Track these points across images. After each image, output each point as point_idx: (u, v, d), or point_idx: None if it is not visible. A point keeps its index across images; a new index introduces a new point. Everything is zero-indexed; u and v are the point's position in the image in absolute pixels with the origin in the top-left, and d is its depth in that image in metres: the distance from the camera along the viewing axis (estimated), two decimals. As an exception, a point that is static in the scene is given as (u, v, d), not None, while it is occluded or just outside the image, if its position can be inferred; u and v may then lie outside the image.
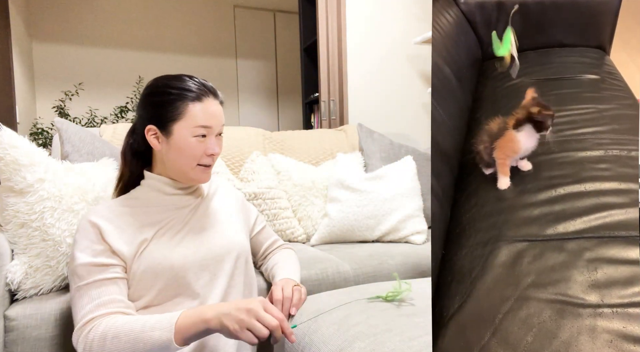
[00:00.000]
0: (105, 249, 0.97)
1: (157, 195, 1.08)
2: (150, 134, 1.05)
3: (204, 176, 1.08)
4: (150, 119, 1.04)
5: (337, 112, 2.83)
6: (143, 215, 1.04)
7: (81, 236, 0.98)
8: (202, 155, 1.05)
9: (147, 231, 1.02)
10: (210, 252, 1.06)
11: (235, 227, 1.15)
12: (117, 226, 1.00)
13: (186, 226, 1.07)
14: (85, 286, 0.94)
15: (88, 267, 0.95)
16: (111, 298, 0.93)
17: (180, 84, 1.04)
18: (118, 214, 1.02)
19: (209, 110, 1.03)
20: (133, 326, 0.86)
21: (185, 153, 1.03)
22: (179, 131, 1.02)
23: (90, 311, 0.91)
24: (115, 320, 0.88)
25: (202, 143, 1.04)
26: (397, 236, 1.86)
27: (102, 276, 0.95)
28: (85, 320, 0.90)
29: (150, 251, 1.00)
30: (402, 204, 1.87)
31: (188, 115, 1.02)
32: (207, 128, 1.03)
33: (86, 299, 0.92)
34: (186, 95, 1.02)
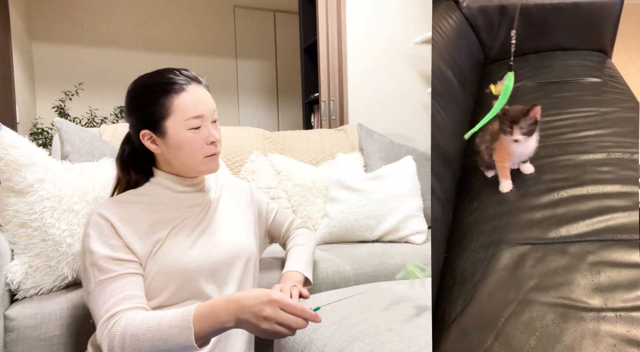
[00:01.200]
0: (121, 244, 0.95)
1: (165, 192, 1.07)
2: (146, 140, 1.02)
3: (213, 165, 1.05)
4: (141, 123, 1.02)
5: (337, 112, 2.83)
6: (154, 212, 1.03)
7: (95, 230, 0.95)
8: (202, 146, 1.01)
9: (160, 230, 1.00)
10: (221, 256, 1.05)
11: (245, 228, 1.15)
12: (129, 223, 0.98)
13: (198, 227, 1.06)
14: (108, 280, 0.91)
15: (109, 261, 0.92)
16: (134, 293, 0.91)
17: (159, 79, 1.01)
18: (128, 210, 1.00)
19: (195, 98, 0.99)
20: (150, 324, 0.83)
21: (185, 149, 1.00)
22: (172, 128, 0.99)
23: (114, 304, 0.88)
24: (135, 316, 0.85)
25: (199, 133, 1.00)
26: (397, 236, 1.86)
27: (123, 270, 0.93)
28: (109, 314, 0.87)
29: (164, 253, 0.98)
30: (402, 204, 1.87)
31: (176, 109, 0.98)
32: (199, 118, 0.99)
33: (108, 293, 0.90)
34: (168, 89, 0.99)
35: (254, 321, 0.77)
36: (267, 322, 0.76)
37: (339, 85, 2.83)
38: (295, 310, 0.77)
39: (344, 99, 2.80)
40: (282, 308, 0.77)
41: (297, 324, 0.77)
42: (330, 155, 2.20)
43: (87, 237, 0.95)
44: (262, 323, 0.76)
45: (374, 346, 0.72)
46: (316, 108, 3.40)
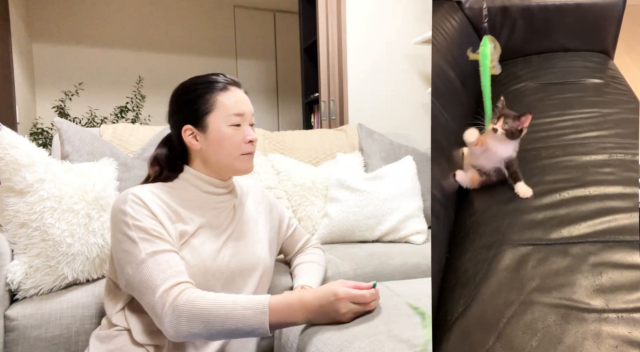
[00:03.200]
0: (159, 224, 0.96)
1: (193, 190, 1.08)
2: (188, 135, 1.05)
3: (249, 164, 1.08)
4: (185, 118, 1.06)
5: (337, 112, 2.83)
6: (181, 207, 1.03)
7: (133, 208, 0.95)
8: (241, 143, 1.05)
9: (186, 224, 1.01)
10: (240, 266, 1.06)
11: (264, 238, 1.16)
12: (159, 207, 0.98)
13: (224, 232, 1.07)
14: (161, 252, 0.91)
15: (156, 235, 0.93)
16: (183, 270, 0.92)
17: (204, 79, 1.07)
18: (158, 195, 1.01)
19: (238, 97, 1.06)
20: (224, 302, 0.84)
21: (224, 144, 1.04)
22: (214, 123, 1.04)
23: (172, 275, 0.88)
24: (204, 293, 0.86)
25: (239, 131, 1.05)
26: (397, 236, 1.86)
27: (169, 247, 0.93)
28: (170, 283, 0.87)
29: (191, 250, 0.99)
30: (402, 204, 1.87)
31: (219, 105, 1.04)
32: (240, 116, 1.05)
33: (164, 264, 0.90)
34: (214, 87, 1.05)
35: (334, 317, 0.85)
36: (346, 316, 0.85)
37: (339, 85, 2.83)
38: (363, 299, 0.86)
39: (344, 99, 2.80)
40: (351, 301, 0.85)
41: (371, 308, 0.88)
42: (330, 155, 2.20)
43: (125, 213, 0.94)
44: (342, 318, 0.85)
45: (374, 346, 0.72)
46: (316, 108, 3.40)
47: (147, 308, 0.88)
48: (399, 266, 1.60)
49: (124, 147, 1.81)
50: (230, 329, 0.82)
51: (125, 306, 1.00)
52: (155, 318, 0.86)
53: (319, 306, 0.84)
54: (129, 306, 1.00)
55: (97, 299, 1.23)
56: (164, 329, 0.84)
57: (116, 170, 1.52)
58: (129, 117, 4.36)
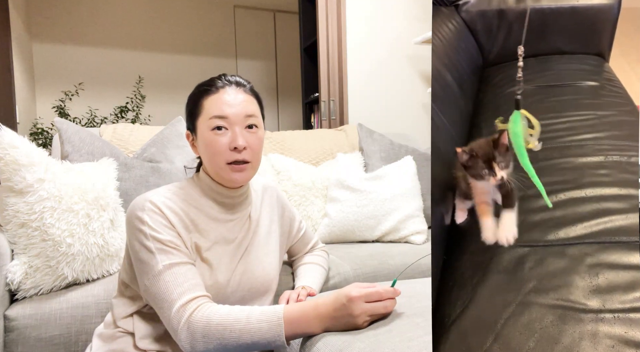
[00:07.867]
0: (177, 235, 0.93)
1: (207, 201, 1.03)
2: (190, 141, 1.05)
3: (236, 175, 0.98)
4: (186, 124, 1.05)
5: (337, 112, 2.83)
6: (198, 217, 0.99)
7: (151, 217, 0.92)
8: (225, 150, 0.96)
9: (203, 237, 0.99)
10: (253, 287, 1.05)
11: (273, 249, 1.13)
12: (179, 217, 0.95)
13: (238, 249, 1.04)
14: (178, 264, 0.89)
15: (174, 247, 0.91)
16: (201, 283, 0.90)
17: (205, 82, 1.02)
18: (177, 204, 0.97)
19: (222, 99, 0.97)
20: (238, 316, 0.82)
21: (209, 151, 0.97)
22: (200, 127, 0.99)
23: (189, 289, 0.87)
24: (219, 307, 0.84)
25: (222, 136, 0.96)
26: (397, 236, 1.87)
27: (186, 259, 0.92)
28: (186, 298, 0.85)
29: (206, 269, 0.97)
30: (402, 204, 1.87)
31: (203, 108, 0.98)
32: (222, 118, 0.96)
33: (181, 278, 0.88)
34: (205, 90, 0.99)
35: (350, 322, 0.80)
36: (361, 318, 0.80)
37: (339, 85, 2.83)
38: (378, 296, 0.81)
39: (344, 99, 2.80)
40: (365, 301, 0.80)
41: (387, 309, 0.82)
42: (330, 155, 2.21)
43: (142, 222, 0.91)
44: (357, 321, 0.80)
45: (374, 346, 0.72)
46: (316, 108, 3.40)
47: (164, 320, 0.87)
48: (399, 266, 1.60)
49: (124, 147, 1.82)
50: (246, 343, 0.81)
51: (135, 313, 0.99)
52: (172, 332, 0.85)
53: (333, 310, 0.81)
54: (138, 313, 0.99)
55: (97, 299, 1.24)
56: (181, 344, 0.83)
57: (116, 170, 1.53)
58: (129, 117, 4.37)
